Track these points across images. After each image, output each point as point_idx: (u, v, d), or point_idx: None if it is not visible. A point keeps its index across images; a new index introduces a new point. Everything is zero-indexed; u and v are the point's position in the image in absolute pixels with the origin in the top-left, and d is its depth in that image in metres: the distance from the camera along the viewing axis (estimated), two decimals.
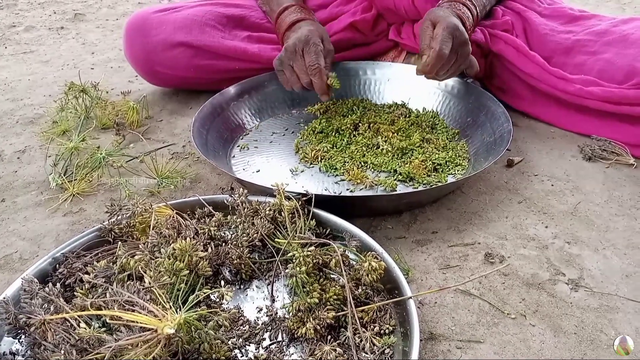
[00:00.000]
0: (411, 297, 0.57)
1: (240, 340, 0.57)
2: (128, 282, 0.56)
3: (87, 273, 0.59)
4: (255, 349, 0.56)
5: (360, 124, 0.98)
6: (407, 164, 0.87)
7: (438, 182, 0.83)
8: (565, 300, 0.64)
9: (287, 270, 0.60)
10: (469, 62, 0.92)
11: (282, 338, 0.58)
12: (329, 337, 0.56)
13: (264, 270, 0.67)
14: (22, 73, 1.44)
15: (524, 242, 0.74)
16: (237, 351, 0.56)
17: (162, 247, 0.60)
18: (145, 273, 0.56)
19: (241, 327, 0.59)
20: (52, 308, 0.53)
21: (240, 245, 0.65)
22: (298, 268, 0.58)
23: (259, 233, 0.66)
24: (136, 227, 0.67)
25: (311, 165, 0.90)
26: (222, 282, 0.61)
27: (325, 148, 0.92)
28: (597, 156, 0.92)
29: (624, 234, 0.75)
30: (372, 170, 0.87)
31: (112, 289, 0.53)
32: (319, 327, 0.56)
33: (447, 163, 0.88)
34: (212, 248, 0.64)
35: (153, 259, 0.59)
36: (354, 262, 0.63)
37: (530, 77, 1.01)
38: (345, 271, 0.59)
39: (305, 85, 0.94)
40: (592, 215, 0.79)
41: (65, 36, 1.77)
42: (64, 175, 0.90)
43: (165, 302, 0.51)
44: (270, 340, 0.57)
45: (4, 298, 0.56)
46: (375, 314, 0.58)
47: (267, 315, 0.61)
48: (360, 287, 0.60)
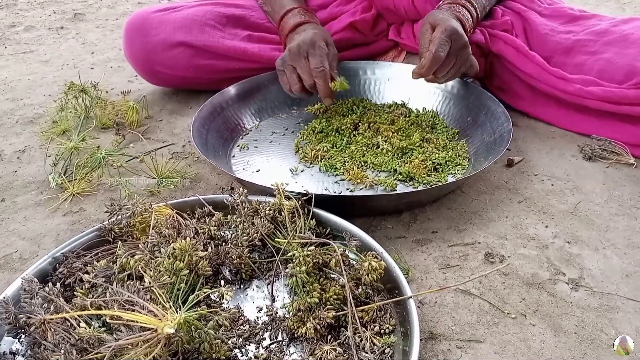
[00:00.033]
0: (411, 297, 0.57)
1: (241, 339, 0.57)
2: (128, 282, 0.56)
3: (87, 273, 0.59)
4: (256, 349, 0.56)
5: (360, 124, 0.98)
6: (407, 163, 0.87)
7: (438, 181, 0.83)
8: (566, 299, 0.64)
9: (287, 270, 0.60)
10: (469, 64, 0.92)
11: (282, 338, 0.58)
12: (329, 336, 0.56)
13: (264, 270, 0.67)
14: (22, 73, 1.44)
15: (524, 241, 0.74)
16: (237, 351, 0.56)
17: (162, 247, 0.60)
18: (145, 273, 0.56)
19: (241, 327, 0.59)
20: (52, 308, 0.53)
21: (240, 244, 0.65)
22: (298, 268, 0.58)
23: (259, 233, 0.66)
24: (136, 226, 0.67)
25: (311, 165, 0.90)
26: (222, 282, 0.61)
27: (325, 148, 0.92)
28: (597, 156, 0.92)
29: (624, 234, 0.75)
30: (372, 169, 0.87)
31: (112, 289, 0.53)
32: (319, 326, 0.56)
33: (447, 163, 0.88)
34: (212, 248, 0.64)
35: (153, 259, 0.59)
36: (354, 262, 0.63)
37: (530, 77, 1.01)
38: (345, 271, 0.59)
39: (308, 87, 0.93)
40: (592, 214, 0.79)
41: (65, 36, 1.77)
42: (64, 175, 0.90)
43: (165, 302, 0.51)
44: (271, 339, 0.57)
45: (4, 298, 0.56)
46: (375, 313, 0.58)
47: (267, 315, 0.61)
48: (360, 286, 0.60)
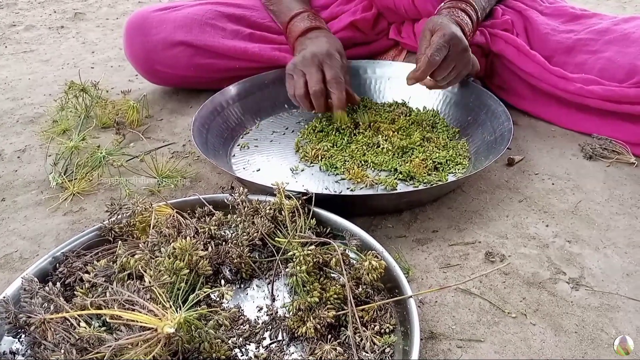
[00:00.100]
0: (411, 296, 0.57)
1: (241, 339, 0.57)
2: (128, 282, 0.56)
3: (87, 272, 0.59)
4: (256, 348, 0.56)
5: (360, 123, 0.98)
6: (407, 162, 0.87)
7: (438, 181, 0.83)
8: (566, 299, 0.64)
9: (287, 269, 0.60)
10: (471, 67, 0.92)
11: (283, 337, 0.58)
12: (329, 336, 0.56)
13: (264, 269, 0.67)
14: (22, 72, 1.44)
15: (525, 241, 0.74)
16: (237, 350, 0.56)
17: (162, 246, 0.60)
18: (146, 272, 0.56)
19: (241, 327, 0.59)
20: (52, 307, 0.53)
21: (240, 244, 0.64)
22: (298, 267, 0.58)
23: (259, 232, 0.66)
24: (136, 226, 0.67)
25: (311, 164, 0.90)
26: (222, 281, 0.61)
27: (325, 147, 0.92)
28: (597, 155, 0.92)
29: (625, 233, 0.75)
30: (373, 169, 0.87)
31: (112, 288, 0.53)
32: (319, 326, 0.55)
33: (448, 162, 0.88)
34: (212, 247, 0.64)
35: (153, 258, 0.59)
36: (354, 261, 0.63)
37: (531, 76, 1.01)
38: (345, 270, 0.59)
39: (312, 94, 0.91)
40: (592, 214, 0.79)
41: (66, 35, 1.77)
42: (64, 174, 0.90)
43: (165, 302, 0.51)
44: (271, 339, 0.57)
45: (4, 297, 0.56)
46: (375, 313, 0.58)
47: (267, 315, 0.61)
48: (360, 286, 0.60)
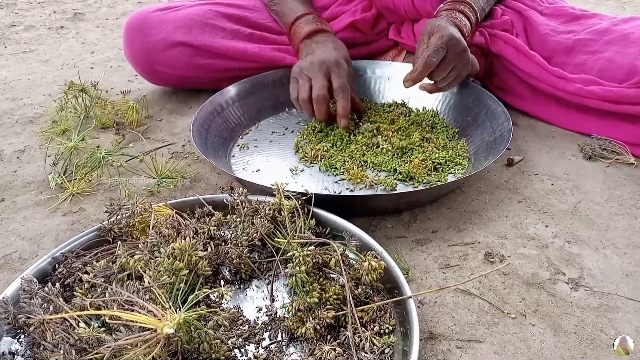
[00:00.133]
0: (411, 297, 0.57)
1: (240, 340, 0.57)
2: (127, 282, 0.56)
3: (87, 273, 0.59)
4: (255, 349, 0.56)
5: (361, 123, 0.98)
6: (407, 163, 0.87)
7: (438, 181, 0.83)
8: (566, 299, 0.64)
9: (286, 270, 0.60)
10: (470, 67, 0.92)
11: (282, 338, 0.58)
12: (329, 336, 0.56)
13: (263, 270, 0.67)
14: (21, 72, 1.44)
15: (524, 241, 0.74)
16: (236, 351, 0.56)
17: (161, 247, 0.60)
18: (145, 273, 0.56)
19: (241, 327, 0.59)
20: (52, 308, 0.53)
21: (239, 244, 0.64)
22: (298, 267, 0.58)
23: (259, 232, 0.66)
24: (136, 226, 0.67)
25: (311, 165, 0.90)
26: (222, 282, 0.61)
27: (325, 147, 0.92)
28: (597, 155, 0.92)
29: (624, 233, 0.75)
30: (372, 169, 0.87)
31: (112, 289, 0.53)
32: (318, 326, 0.55)
33: (447, 162, 0.88)
34: (211, 247, 0.64)
35: (152, 259, 0.59)
36: (354, 262, 0.63)
37: (530, 77, 1.01)
38: (345, 271, 0.59)
39: (314, 100, 0.90)
40: (592, 214, 0.79)
41: (65, 35, 1.77)
42: (64, 174, 0.90)
43: (164, 302, 0.51)
44: (270, 340, 0.57)
45: (4, 298, 0.56)
46: (375, 313, 0.58)
47: (266, 315, 0.61)
48: (360, 286, 0.60)
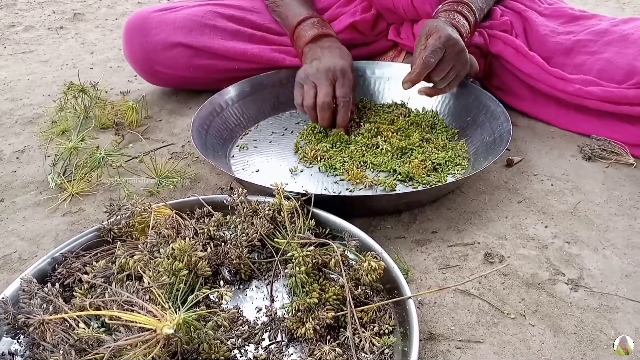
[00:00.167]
0: (411, 297, 0.57)
1: (240, 340, 0.57)
2: (127, 282, 0.56)
3: (86, 273, 0.59)
4: (255, 349, 0.56)
5: (361, 123, 0.98)
6: (406, 163, 0.87)
7: (437, 181, 0.83)
8: (565, 300, 0.64)
9: (286, 270, 0.60)
10: (469, 67, 0.92)
11: (282, 338, 0.58)
12: (329, 337, 0.56)
13: (263, 270, 0.67)
14: (21, 73, 1.44)
15: (524, 241, 0.74)
16: (236, 351, 0.56)
17: (161, 247, 0.60)
18: (145, 273, 0.56)
19: (240, 327, 0.59)
20: (51, 308, 0.53)
21: (239, 245, 0.64)
22: (297, 268, 0.58)
23: (258, 233, 0.66)
24: (135, 227, 0.67)
25: (310, 165, 0.90)
26: (222, 282, 0.61)
27: (324, 148, 0.92)
28: (596, 156, 0.92)
29: (624, 234, 0.75)
30: (372, 170, 0.87)
31: (111, 289, 0.53)
32: (318, 327, 0.55)
33: (447, 163, 0.88)
34: (211, 248, 0.64)
35: (152, 259, 0.59)
36: (354, 262, 0.63)
37: (530, 77, 1.01)
38: (344, 271, 0.59)
39: (318, 106, 0.91)
40: (591, 215, 0.79)
41: (65, 36, 1.77)
42: (63, 175, 0.89)
43: (164, 302, 0.51)
44: (270, 340, 0.57)
45: (3, 298, 0.56)
46: (374, 314, 0.58)
47: (266, 316, 0.61)
48: (359, 287, 0.60)
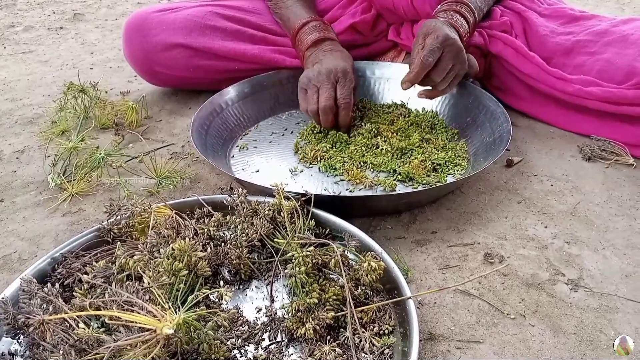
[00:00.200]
0: (410, 298, 0.57)
1: (240, 340, 0.57)
2: (127, 283, 0.56)
3: (86, 273, 0.59)
4: (255, 350, 0.56)
5: (362, 123, 0.98)
6: (406, 164, 0.87)
7: (437, 182, 0.83)
8: (565, 300, 0.64)
9: (286, 271, 0.60)
10: (469, 66, 0.92)
11: (282, 338, 0.58)
12: (329, 337, 0.56)
13: (263, 271, 0.67)
14: (21, 73, 1.44)
15: (524, 242, 0.74)
16: (236, 351, 0.56)
17: (161, 247, 0.60)
18: (144, 273, 0.56)
19: (240, 328, 0.59)
20: (51, 308, 0.53)
21: (239, 245, 0.64)
22: (297, 268, 0.58)
23: (258, 233, 0.66)
24: (135, 227, 0.67)
25: (310, 165, 0.90)
26: (222, 283, 0.61)
27: (324, 148, 0.92)
28: (596, 156, 0.92)
29: (624, 234, 0.75)
30: (372, 170, 0.87)
31: (111, 289, 0.53)
32: (318, 327, 0.55)
33: (447, 163, 0.88)
34: (211, 248, 0.64)
35: (152, 259, 0.59)
36: (354, 262, 0.63)
37: (529, 78, 1.01)
38: (344, 271, 0.59)
39: (321, 109, 0.90)
40: (591, 215, 0.79)
41: (65, 36, 1.77)
42: (63, 175, 0.89)
43: (164, 303, 0.51)
44: (270, 340, 0.57)
45: (3, 298, 0.56)
46: (374, 314, 0.58)
47: (266, 316, 0.61)
48: (359, 287, 0.60)
